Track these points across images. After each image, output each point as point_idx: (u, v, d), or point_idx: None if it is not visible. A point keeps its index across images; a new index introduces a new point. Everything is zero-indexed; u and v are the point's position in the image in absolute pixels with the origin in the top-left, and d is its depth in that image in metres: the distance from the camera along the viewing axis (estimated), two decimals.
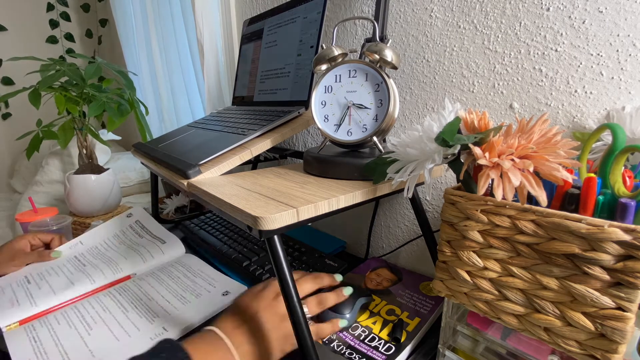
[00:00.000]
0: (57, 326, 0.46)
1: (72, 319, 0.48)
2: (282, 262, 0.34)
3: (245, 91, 0.76)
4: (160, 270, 0.60)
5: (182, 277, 0.58)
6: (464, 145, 0.30)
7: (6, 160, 1.59)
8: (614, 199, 0.27)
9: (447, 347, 0.39)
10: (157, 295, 0.53)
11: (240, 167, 0.52)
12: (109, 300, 0.52)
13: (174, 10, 1.10)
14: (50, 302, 0.51)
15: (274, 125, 0.55)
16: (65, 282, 0.56)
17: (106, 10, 1.67)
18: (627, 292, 0.24)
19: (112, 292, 0.54)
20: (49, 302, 0.51)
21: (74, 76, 0.75)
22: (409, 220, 0.62)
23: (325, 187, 0.41)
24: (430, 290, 0.52)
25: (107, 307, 0.50)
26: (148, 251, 0.64)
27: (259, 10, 0.81)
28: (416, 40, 0.55)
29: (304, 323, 0.34)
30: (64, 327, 0.46)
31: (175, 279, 0.57)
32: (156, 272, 0.60)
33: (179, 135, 0.68)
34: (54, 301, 0.51)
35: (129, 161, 1.26)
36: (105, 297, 0.53)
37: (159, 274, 0.59)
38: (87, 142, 0.84)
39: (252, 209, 0.33)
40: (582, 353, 0.27)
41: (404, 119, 0.59)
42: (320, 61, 0.45)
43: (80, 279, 0.56)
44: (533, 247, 0.28)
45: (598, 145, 0.37)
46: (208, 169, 0.47)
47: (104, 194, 0.85)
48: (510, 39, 0.46)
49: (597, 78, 0.40)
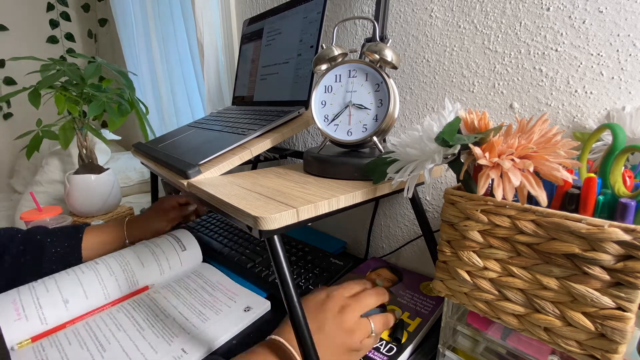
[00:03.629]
0: (67, 347, 0.43)
1: (84, 339, 0.45)
2: (282, 262, 0.34)
3: (245, 91, 0.76)
4: (177, 282, 0.57)
5: (200, 291, 0.54)
6: (464, 145, 0.30)
7: (6, 160, 1.59)
8: (614, 199, 0.27)
9: (447, 347, 0.39)
10: (174, 311, 0.50)
11: (240, 167, 0.52)
12: (123, 317, 0.49)
13: (174, 10, 1.10)
14: (61, 318, 0.47)
15: (274, 125, 0.55)
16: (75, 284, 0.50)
17: (106, 10, 1.67)
18: (627, 292, 0.24)
19: (126, 307, 0.51)
20: (60, 318, 0.47)
21: (74, 76, 0.75)
22: (409, 220, 0.62)
23: (325, 187, 0.41)
24: (431, 291, 0.52)
25: (122, 324, 0.47)
26: (167, 259, 0.59)
27: (259, 10, 0.81)
28: (416, 40, 0.55)
29: (304, 323, 0.34)
30: (76, 348, 0.43)
31: (192, 292, 0.54)
32: (172, 284, 0.56)
33: (179, 135, 0.68)
34: (65, 317, 0.48)
35: (129, 161, 1.26)
36: (119, 313, 0.49)
37: (175, 286, 0.56)
38: (87, 142, 0.84)
39: (252, 209, 0.33)
40: (582, 353, 0.27)
41: (404, 119, 0.59)
42: (320, 61, 0.45)
43: (92, 284, 0.51)
44: (533, 247, 0.28)
45: (598, 145, 0.37)
46: (208, 169, 0.47)
47: (103, 194, 0.85)
48: (510, 39, 0.46)
49: (597, 78, 0.40)
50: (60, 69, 0.74)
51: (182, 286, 0.56)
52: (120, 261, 0.56)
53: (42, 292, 0.48)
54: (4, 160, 1.59)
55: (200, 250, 0.64)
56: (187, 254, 0.62)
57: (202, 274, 0.60)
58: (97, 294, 0.51)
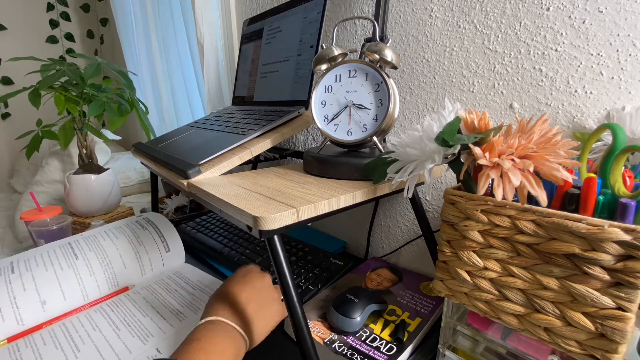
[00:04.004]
0: (42, 347, 0.43)
1: (59, 339, 0.44)
2: (282, 262, 0.34)
3: (245, 91, 0.76)
4: (157, 283, 0.57)
5: (180, 290, 0.55)
6: (464, 145, 0.30)
7: (6, 160, 1.59)
8: (614, 199, 0.27)
9: (447, 347, 0.39)
10: (152, 311, 0.50)
11: (240, 167, 0.52)
12: (100, 317, 0.48)
13: (174, 10, 1.10)
14: (37, 318, 0.47)
15: (274, 125, 0.55)
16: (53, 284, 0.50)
17: (106, 10, 1.67)
18: (627, 292, 0.24)
19: (104, 308, 0.51)
20: (37, 318, 0.47)
21: (73, 76, 0.75)
22: (409, 220, 0.62)
23: (325, 187, 0.41)
24: (431, 290, 0.52)
25: (98, 325, 0.47)
26: (149, 260, 0.59)
27: (259, 10, 0.81)
28: (416, 40, 0.55)
29: (303, 323, 0.34)
30: (50, 349, 0.43)
31: (172, 292, 0.54)
32: (152, 285, 0.57)
33: (179, 135, 0.68)
34: (41, 318, 0.47)
35: (129, 161, 1.26)
36: (96, 314, 0.49)
37: (155, 286, 0.56)
38: (87, 142, 0.84)
39: (252, 209, 0.33)
40: (582, 353, 0.27)
41: (404, 119, 0.59)
42: (320, 61, 0.45)
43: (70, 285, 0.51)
44: (533, 247, 0.28)
45: (598, 145, 0.37)
46: (208, 169, 0.47)
47: (104, 194, 0.85)
48: (510, 39, 0.46)
49: (597, 78, 0.40)
50: (60, 69, 0.74)
51: (162, 286, 0.56)
52: (102, 259, 0.55)
53: (19, 290, 0.48)
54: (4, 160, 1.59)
55: (184, 252, 0.65)
56: (170, 255, 0.62)
57: (182, 274, 0.60)
58: (75, 295, 0.51)
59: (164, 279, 0.58)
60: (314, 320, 0.46)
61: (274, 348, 0.43)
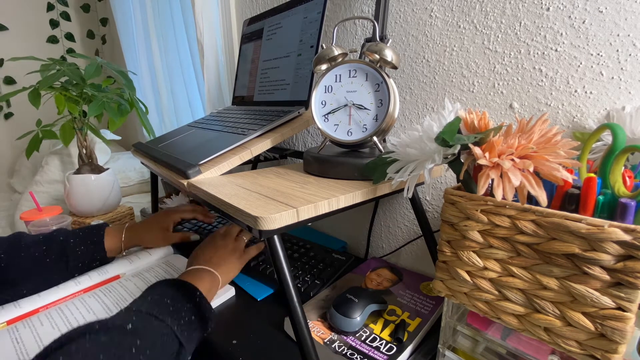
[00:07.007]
0: (40, 327, 0.46)
1: (55, 321, 0.47)
2: (282, 262, 0.34)
3: (245, 91, 0.76)
4: (147, 271, 0.60)
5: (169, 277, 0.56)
6: (464, 145, 0.30)
7: (6, 160, 1.59)
8: (614, 199, 0.27)
9: (447, 347, 0.39)
10: None
11: (240, 167, 0.52)
12: (94, 302, 0.51)
13: (174, 10, 1.10)
14: (34, 303, 0.50)
15: (274, 125, 0.55)
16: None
17: (106, 9, 1.67)
18: (627, 292, 0.24)
19: (98, 294, 0.53)
20: (34, 303, 0.50)
21: (74, 76, 0.75)
22: (409, 220, 0.62)
23: (325, 187, 0.41)
24: (431, 290, 0.52)
25: (92, 308, 0.50)
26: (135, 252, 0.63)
27: (259, 10, 0.81)
28: (416, 40, 0.55)
29: (303, 323, 0.34)
30: (47, 329, 0.45)
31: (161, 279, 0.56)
32: (143, 273, 0.59)
33: (179, 135, 0.68)
34: (38, 303, 0.50)
35: (129, 161, 1.26)
36: (90, 299, 0.52)
37: (146, 274, 0.58)
38: (87, 142, 0.84)
39: (252, 209, 0.33)
40: (582, 353, 0.27)
41: (404, 119, 0.59)
42: (320, 61, 0.45)
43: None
44: (533, 247, 0.28)
45: (598, 145, 0.37)
46: (208, 169, 0.47)
47: (103, 194, 0.85)
48: (510, 39, 0.46)
49: (597, 78, 0.40)
50: (60, 69, 0.74)
51: (152, 274, 0.59)
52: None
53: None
54: (4, 160, 1.59)
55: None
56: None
57: (172, 263, 0.63)
58: (68, 284, 0.55)
59: (154, 267, 0.61)
60: (314, 320, 0.46)
61: (274, 348, 0.43)
